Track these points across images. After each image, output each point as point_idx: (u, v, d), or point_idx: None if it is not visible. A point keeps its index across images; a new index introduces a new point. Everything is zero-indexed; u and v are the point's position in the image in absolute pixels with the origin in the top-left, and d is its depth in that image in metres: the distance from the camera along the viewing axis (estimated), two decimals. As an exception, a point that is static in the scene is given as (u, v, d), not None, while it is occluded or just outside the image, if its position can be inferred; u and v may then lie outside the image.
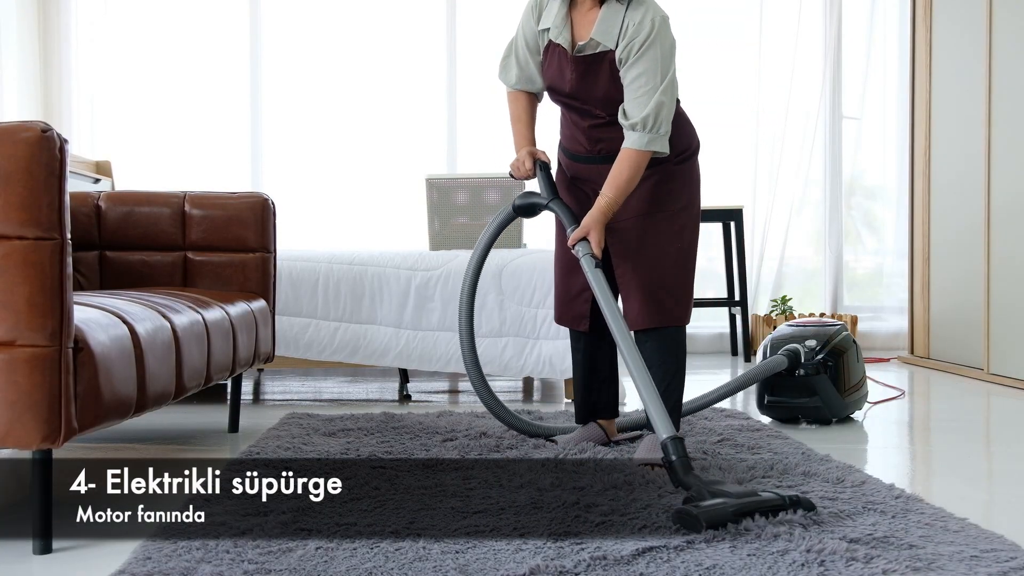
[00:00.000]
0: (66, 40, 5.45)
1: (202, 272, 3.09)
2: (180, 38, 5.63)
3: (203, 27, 5.65)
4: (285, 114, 5.69)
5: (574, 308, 2.69)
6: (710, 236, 5.88)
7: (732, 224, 5.39)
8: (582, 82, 2.51)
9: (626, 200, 2.52)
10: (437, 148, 5.70)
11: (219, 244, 3.09)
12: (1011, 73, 4.31)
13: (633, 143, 2.43)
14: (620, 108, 2.46)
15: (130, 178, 5.34)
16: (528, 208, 2.65)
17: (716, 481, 2.05)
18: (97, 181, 4.73)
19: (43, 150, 1.73)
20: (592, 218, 2.46)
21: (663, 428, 2.13)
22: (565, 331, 3.40)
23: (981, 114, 4.52)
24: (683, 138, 2.60)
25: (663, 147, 2.47)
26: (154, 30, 5.62)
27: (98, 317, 1.93)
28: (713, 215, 5.36)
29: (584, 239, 2.45)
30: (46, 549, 1.82)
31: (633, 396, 3.97)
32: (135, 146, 5.57)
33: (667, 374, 2.54)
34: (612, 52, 2.46)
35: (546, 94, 2.67)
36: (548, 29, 2.54)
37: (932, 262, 5.10)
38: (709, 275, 5.92)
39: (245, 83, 5.66)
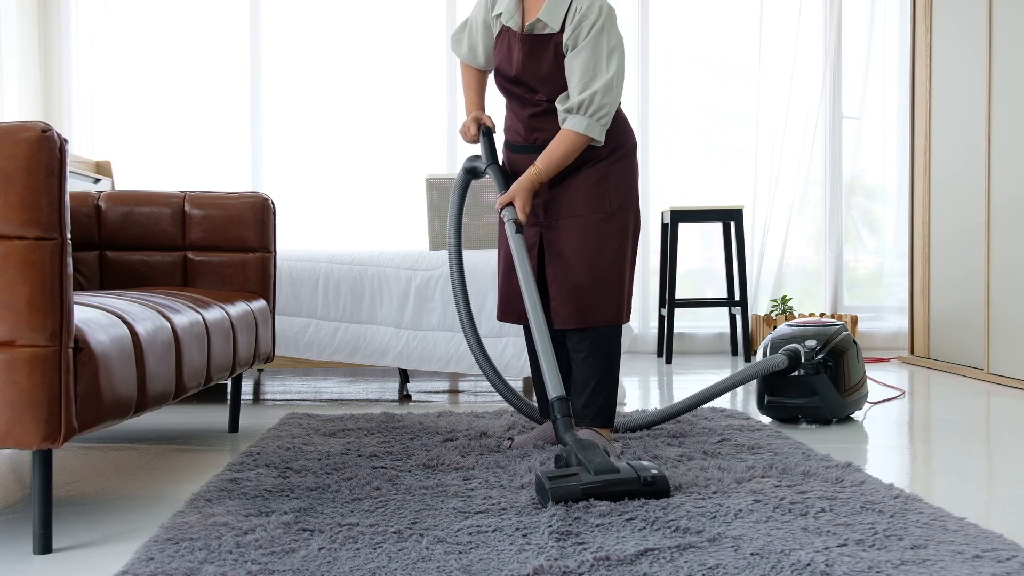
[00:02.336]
0: (66, 40, 5.45)
1: (202, 272, 3.09)
2: (180, 38, 5.63)
3: (203, 27, 5.65)
4: (285, 114, 5.70)
5: (518, 305, 2.69)
6: (710, 236, 5.89)
7: (732, 224, 5.39)
8: (526, 62, 2.56)
9: (562, 200, 2.57)
10: (437, 148, 5.70)
11: (219, 244, 3.10)
12: (1011, 73, 4.31)
13: (572, 125, 2.50)
14: (562, 94, 2.53)
15: (130, 178, 5.34)
16: (472, 170, 2.77)
17: (586, 445, 2.15)
18: (97, 181, 4.73)
19: (43, 150, 1.73)
20: (519, 184, 2.54)
21: (552, 388, 2.28)
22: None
23: (981, 114, 4.52)
24: (618, 135, 2.61)
25: (599, 136, 2.52)
26: (154, 30, 5.62)
27: (98, 317, 1.93)
28: (713, 215, 5.36)
29: (510, 204, 2.55)
30: (46, 549, 1.81)
31: (632, 397, 3.97)
32: (135, 146, 5.57)
33: (596, 372, 2.57)
34: (558, 35, 2.51)
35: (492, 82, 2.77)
36: (501, 15, 2.62)
37: (932, 262, 5.11)
38: (709, 275, 5.93)
39: (245, 83, 5.66)
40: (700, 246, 5.97)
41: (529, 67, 2.56)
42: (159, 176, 5.43)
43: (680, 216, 5.31)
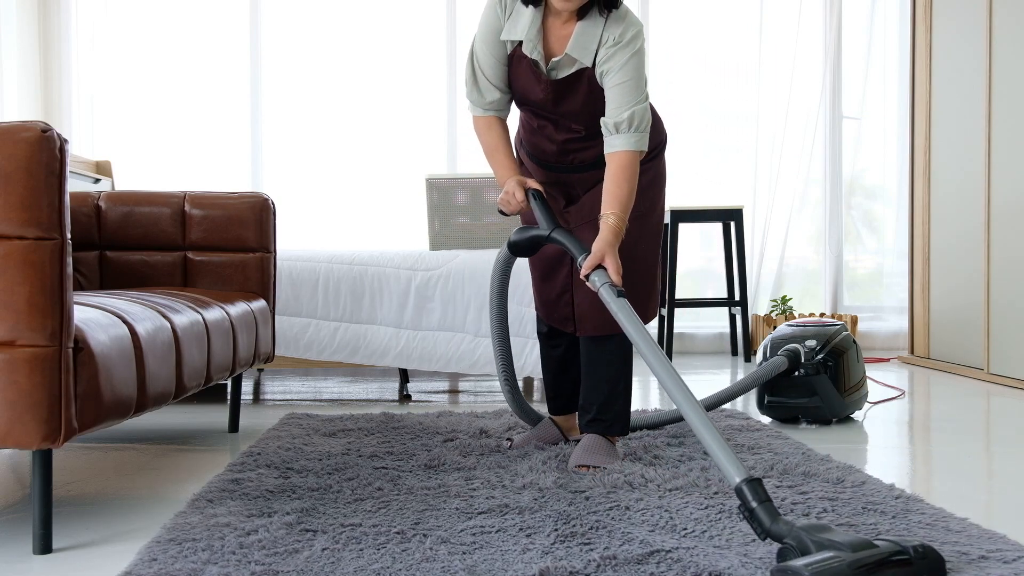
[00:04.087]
0: (66, 40, 5.45)
1: (202, 272, 3.08)
2: (180, 38, 5.63)
3: (203, 27, 5.65)
4: (285, 114, 5.69)
5: (558, 311, 2.60)
6: (710, 236, 5.89)
7: (732, 224, 5.39)
8: (559, 102, 2.39)
9: (593, 203, 2.43)
10: (437, 148, 5.70)
11: (219, 244, 3.09)
12: (1011, 73, 4.31)
13: (625, 145, 2.32)
14: (603, 120, 2.35)
15: (130, 178, 5.34)
16: (528, 244, 2.40)
17: (816, 527, 1.61)
18: (97, 181, 4.72)
19: (43, 150, 1.73)
20: (604, 241, 2.24)
21: (734, 472, 1.72)
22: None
23: (981, 114, 4.52)
24: (655, 133, 2.51)
25: (646, 146, 2.38)
26: (154, 30, 5.62)
27: (98, 317, 1.92)
28: (713, 215, 5.36)
29: (600, 267, 2.22)
30: (46, 549, 1.81)
31: (632, 397, 3.97)
32: (135, 146, 5.57)
33: (616, 378, 2.51)
34: (589, 69, 2.35)
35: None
36: (518, 42, 2.37)
37: (932, 262, 5.10)
38: (709, 275, 5.93)
39: (245, 83, 5.66)
40: (700, 246, 5.97)
41: (562, 105, 2.38)
42: (159, 176, 5.42)
43: (680, 216, 5.31)
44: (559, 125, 2.45)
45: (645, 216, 2.51)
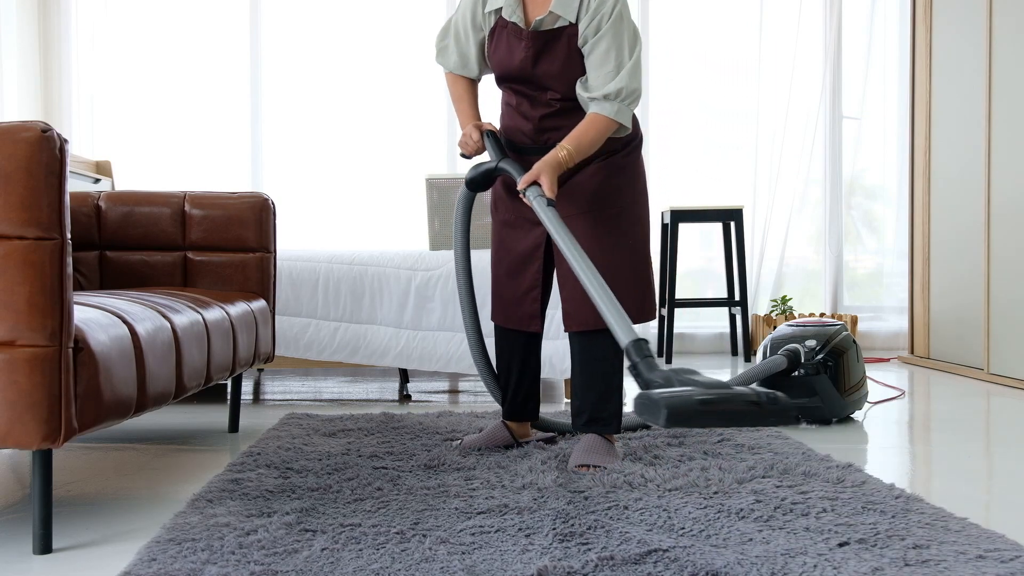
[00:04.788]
0: (66, 40, 5.45)
1: (202, 272, 3.08)
2: (180, 38, 5.63)
3: (203, 28, 5.65)
4: (285, 114, 5.69)
5: (523, 308, 2.60)
6: (710, 236, 5.89)
7: (732, 224, 5.39)
8: (539, 60, 2.45)
9: (571, 196, 2.47)
10: (437, 148, 5.70)
11: (219, 244, 3.09)
12: (1011, 73, 4.31)
13: (602, 110, 2.39)
14: (580, 83, 2.43)
15: (130, 178, 5.34)
16: (481, 178, 2.53)
17: (685, 370, 1.78)
18: (97, 181, 4.72)
19: (43, 150, 1.73)
20: (545, 163, 2.35)
21: (623, 335, 1.96)
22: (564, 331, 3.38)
23: (981, 114, 4.52)
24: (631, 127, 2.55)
25: (628, 122, 2.43)
26: (154, 30, 5.62)
27: (98, 317, 1.92)
28: (713, 215, 5.36)
29: (535, 184, 2.34)
30: (46, 549, 1.81)
31: (632, 397, 3.96)
32: (135, 146, 5.57)
33: (609, 375, 2.50)
34: (571, 27, 2.43)
35: (491, 78, 2.62)
36: (498, 8, 2.48)
37: (932, 262, 5.10)
38: (709, 275, 5.93)
39: (245, 83, 5.66)
40: (700, 246, 5.97)
41: (540, 65, 2.45)
42: (159, 176, 5.42)
43: (680, 216, 5.31)
44: (535, 100, 2.51)
45: (626, 210, 2.51)
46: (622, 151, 2.53)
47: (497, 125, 2.63)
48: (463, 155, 2.59)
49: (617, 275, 2.41)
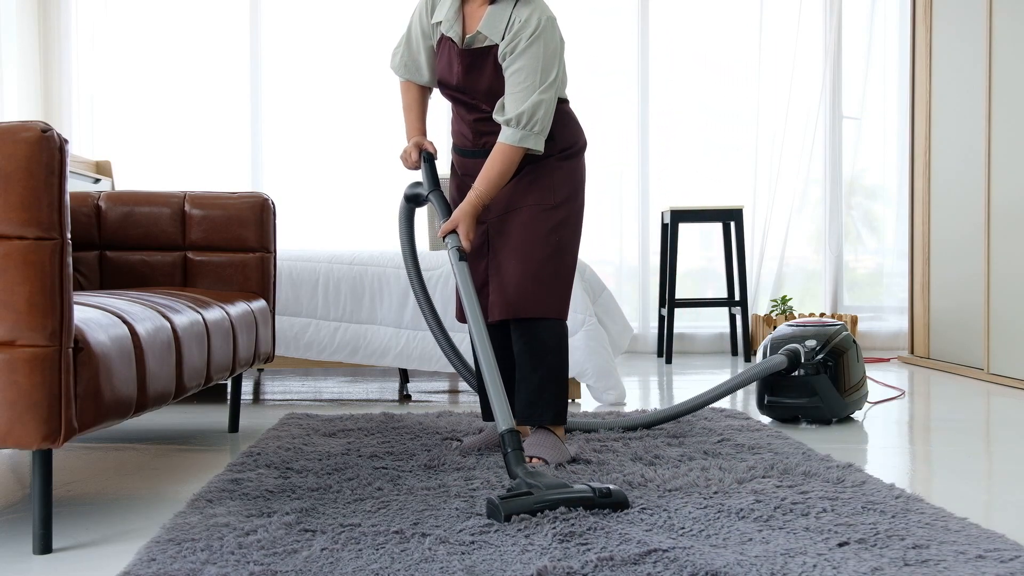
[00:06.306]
0: (66, 40, 5.45)
1: (202, 272, 3.08)
2: (180, 38, 5.63)
3: (203, 28, 5.65)
4: (285, 114, 5.69)
5: (480, 302, 2.60)
6: (710, 236, 5.89)
7: (732, 224, 5.39)
8: (468, 75, 2.53)
9: (508, 195, 2.54)
10: (437, 148, 5.68)
11: (219, 244, 3.09)
12: (1011, 73, 4.31)
13: (507, 138, 2.46)
14: (499, 102, 2.49)
15: (130, 178, 5.34)
16: (414, 198, 2.72)
17: (537, 473, 2.07)
18: (97, 181, 4.73)
19: (43, 150, 1.73)
20: (462, 210, 2.47)
21: (502, 420, 2.18)
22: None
23: (981, 114, 4.52)
24: (568, 135, 2.59)
25: (537, 145, 2.47)
26: (154, 30, 5.62)
27: (98, 317, 1.93)
28: (713, 215, 5.36)
29: (454, 231, 2.47)
30: (46, 549, 1.81)
31: (632, 397, 3.97)
32: (135, 146, 5.57)
33: (540, 368, 2.50)
34: (497, 47, 2.49)
35: (437, 89, 2.71)
36: (440, 23, 2.57)
37: (932, 262, 5.10)
38: (709, 275, 5.93)
39: (245, 83, 5.66)
40: (700, 246, 5.97)
41: (469, 81, 2.54)
42: (159, 176, 5.42)
43: (680, 216, 5.31)
44: (469, 106, 2.59)
45: (556, 208, 2.53)
46: (558, 154, 2.56)
47: (443, 141, 2.75)
48: (405, 166, 2.70)
49: (537, 270, 2.49)
